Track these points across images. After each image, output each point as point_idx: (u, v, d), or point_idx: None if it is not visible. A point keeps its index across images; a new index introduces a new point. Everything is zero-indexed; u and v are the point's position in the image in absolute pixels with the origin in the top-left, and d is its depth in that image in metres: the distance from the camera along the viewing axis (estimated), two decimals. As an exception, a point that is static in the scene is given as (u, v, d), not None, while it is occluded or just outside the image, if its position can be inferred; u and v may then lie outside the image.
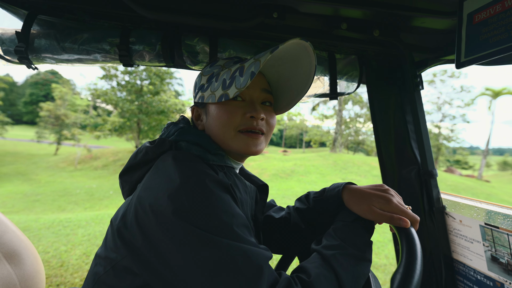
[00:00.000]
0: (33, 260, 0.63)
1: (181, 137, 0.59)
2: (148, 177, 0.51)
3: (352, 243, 0.50)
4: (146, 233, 0.44)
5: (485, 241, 0.77)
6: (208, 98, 0.61)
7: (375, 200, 0.54)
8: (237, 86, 0.54)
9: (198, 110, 0.66)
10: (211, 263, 0.40)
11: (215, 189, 0.46)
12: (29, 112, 42.47)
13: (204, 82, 0.64)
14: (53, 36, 0.72)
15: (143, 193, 0.48)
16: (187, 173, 0.47)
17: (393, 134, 0.94)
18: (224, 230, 0.42)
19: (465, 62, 0.60)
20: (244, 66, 0.56)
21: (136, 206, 0.47)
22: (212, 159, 0.57)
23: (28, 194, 7.74)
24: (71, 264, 2.53)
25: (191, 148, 0.57)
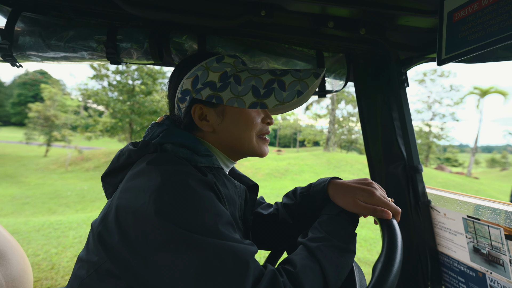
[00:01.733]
0: (20, 261, 0.63)
1: (167, 139, 0.57)
2: (128, 178, 0.50)
3: (336, 235, 0.52)
4: (127, 235, 0.43)
5: (468, 233, 0.80)
6: (231, 101, 0.58)
7: (359, 193, 0.56)
8: (279, 99, 0.56)
9: (204, 109, 0.61)
10: (197, 264, 0.39)
11: (197, 187, 0.46)
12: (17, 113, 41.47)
13: (216, 80, 0.60)
14: (38, 33, 0.71)
15: (123, 195, 0.47)
16: (168, 172, 0.46)
17: (380, 130, 0.96)
18: (208, 229, 0.42)
19: (446, 59, 0.62)
20: (283, 80, 0.58)
21: (116, 208, 0.46)
22: (200, 161, 0.56)
23: (17, 197, 7.57)
24: (62, 267, 2.49)
25: (178, 151, 0.55)
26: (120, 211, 0.45)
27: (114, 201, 0.48)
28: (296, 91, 0.57)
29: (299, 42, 0.90)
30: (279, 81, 0.58)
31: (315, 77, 0.58)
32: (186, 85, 0.61)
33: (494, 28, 0.51)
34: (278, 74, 0.60)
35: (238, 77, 0.60)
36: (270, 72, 0.61)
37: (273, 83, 0.58)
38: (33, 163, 14.12)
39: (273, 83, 0.58)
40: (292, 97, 0.56)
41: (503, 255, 0.71)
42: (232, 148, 0.63)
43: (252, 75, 0.60)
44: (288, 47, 0.91)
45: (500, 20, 0.50)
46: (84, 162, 13.64)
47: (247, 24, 0.80)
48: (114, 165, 0.56)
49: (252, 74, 0.60)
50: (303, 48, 0.92)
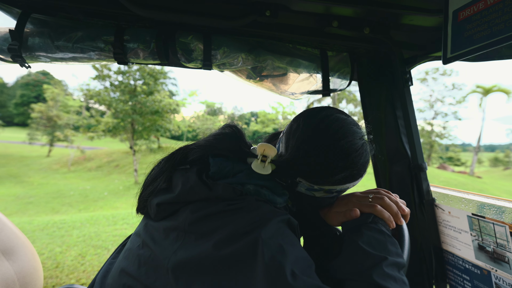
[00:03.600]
0: (30, 257, 0.64)
1: (249, 180, 0.54)
2: (219, 227, 0.46)
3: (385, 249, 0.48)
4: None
5: (472, 230, 0.80)
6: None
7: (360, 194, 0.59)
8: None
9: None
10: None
11: (285, 228, 0.46)
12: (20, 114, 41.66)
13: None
14: (47, 34, 0.72)
15: (220, 250, 0.43)
16: (268, 221, 0.45)
17: (384, 129, 0.96)
18: (308, 272, 0.41)
19: (451, 58, 0.62)
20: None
21: (211, 261, 0.42)
22: (279, 202, 0.55)
23: (20, 197, 7.63)
24: (66, 265, 2.51)
25: (260, 193, 0.53)
26: (223, 260, 0.42)
27: (205, 245, 0.44)
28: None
29: (303, 41, 0.91)
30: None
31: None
32: (303, 185, 0.57)
33: (500, 27, 0.51)
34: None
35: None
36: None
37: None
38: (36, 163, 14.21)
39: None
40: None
41: (508, 252, 0.72)
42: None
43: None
44: (292, 46, 0.91)
45: (506, 19, 0.50)
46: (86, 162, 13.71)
47: (252, 24, 0.81)
48: (179, 198, 0.52)
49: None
50: (307, 47, 0.93)
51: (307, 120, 0.55)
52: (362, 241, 0.48)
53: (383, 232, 0.49)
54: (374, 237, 0.48)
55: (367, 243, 0.47)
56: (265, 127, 24.62)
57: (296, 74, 0.93)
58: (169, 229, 0.49)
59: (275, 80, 0.95)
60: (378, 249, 0.46)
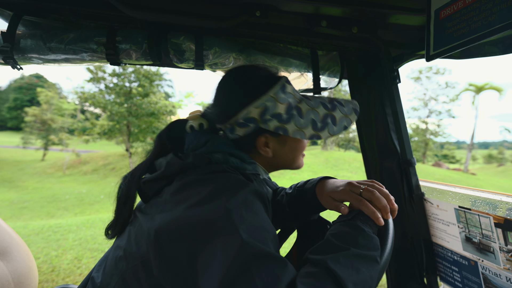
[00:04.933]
0: (25, 257, 0.65)
1: (215, 148, 0.59)
2: (189, 195, 0.50)
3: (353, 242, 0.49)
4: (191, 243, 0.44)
5: (460, 223, 0.83)
6: (295, 133, 0.60)
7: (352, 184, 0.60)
8: (330, 132, 0.62)
9: (269, 138, 0.61)
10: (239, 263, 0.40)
11: (256, 201, 0.49)
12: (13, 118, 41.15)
13: (282, 112, 0.59)
14: (39, 36, 0.73)
15: (190, 206, 0.47)
16: (231, 189, 0.48)
17: (374, 126, 0.99)
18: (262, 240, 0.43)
19: (434, 55, 0.64)
20: (334, 115, 0.63)
21: (182, 217, 0.46)
22: (248, 168, 0.60)
23: (15, 201, 7.53)
24: (62, 269, 2.49)
25: (228, 160, 0.58)
26: (183, 221, 0.46)
27: (179, 209, 0.48)
28: (343, 126, 0.64)
29: (293, 41, 0.93)
30: (332, 117, 0.63)
31: (355, 114, 0.66)
32: (252, 113, 0.58)
33: (478, 25, 0.54)
34: (330, 108, 0.63)
35: (300, 109, 0.61)
36: (323, 105, 0.63)
37: (327, 117, 0.62)
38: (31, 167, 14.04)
39: (327, 117, 0.62)
40: (340, 131, 0.63)
41: (493, 242, 0.74)
42: (280, 167, 0.68)
43: (310, 107, 0.62)
44: (283, 46, 0.93)
45: (482, 17, 0.53)
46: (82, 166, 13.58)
47: (243, 24, 0.82)
48: (161, 174, 0.56)
49: (310, 107, 0.62)
50: (298, 47, 0.95)
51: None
52: (333, 234, 0.50)
53: (357, 227, 0.51)
54: (346, 231, 0.50)
55: (336, 236, 0.50)
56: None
57: (287, 73, 0.95)
58: (154, 203, 0.54)
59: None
60: (344, 242, 0.48)
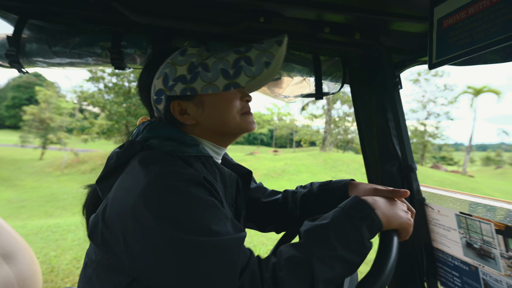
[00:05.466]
0: (29, 260, 0.65)
1: (151, 133, 0.58)
2: (120, 179, 0.51)
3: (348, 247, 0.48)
4: (117, 234, 0.45)
5: (461, 228, 0.84)
6: (204, 89, 0.58)
7: (378, 187, 0.63)
8: (249, 75, 0.58)
9: (182, 104, 0.60)
10: (188, 262, 0.41)
11: (186, 187, 0.46)
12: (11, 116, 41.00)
13: (185, 73, 0.59)
14: (44, 40, 0.73)
15: (115, 194, 0.48)
16: (155, 173, 0.47)
17: (375, 131, 0.99)
18: (196, 228, 0.43)
19: (436, 63, 0.65)
20: (248, 56, 0.59)
21: (109, 207, 0.48)
22: (187, 151, 0.57)
23: (13, 201, 7.50)
24: (61, 269, 2.49)
25: (163, 144, 0.56)
26: (112, 211, 0.47)
27: (108, 200, 0.49)
28: (264, 62, 0.58)
29: (296, 46, 0.93)
30: (245, 58, 0.59)
31: (278, 45, 0.59)
32: (157, 85, 0.61)
33: (480, 35, 0.54)
34: (243, 51, 0.60)
35: (205, 64, 0.60)
36: (234, 51, 0.61)
37: (239, 61, 0.59)
38: (29, 166, 13.98)
39: (239, 61, 0.59)
40: (261, 69, 0.58)
41: (494, 249, 0.75)
42: (219, 133, 0.64)
43: (218, 58, 0.60)
44: (286, 51, 0.93)
45: (485, 28, 0.53)
46: (80, 165, 13.54)
47: (247, 30, 0.83)
48: (105, 170, 0.56)
49: (218, 58, 0.60)
50: (300, 52, 0.95)
51: None
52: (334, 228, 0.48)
53: (360, 232, 0.49)
54: (346, 231, 0.48)
55: (335, 232, 0.48)
56: (260, 128, 24.63)
57: (289, 78, 0.95)
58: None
59: (269, 84, 0.97)
60: (338, 241, 0.47)
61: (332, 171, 10.44)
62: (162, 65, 0.61)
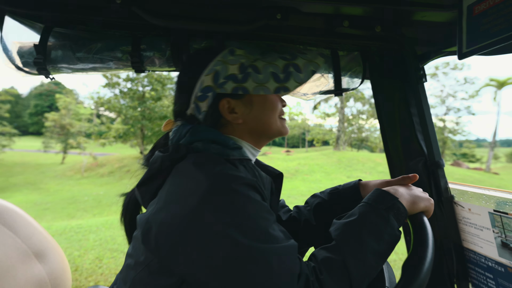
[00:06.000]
0: (60, 259, 0.67)
1: (195, 137, 0.57)
2: (171, 189, 0.49)
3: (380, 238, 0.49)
4: (177, 242, 0.43)
5: (495, 227, 0.79)
6: (256, 89, 0.59)
7: (387, 180, 0.65)
8: (297, 80, 0.61)
9: (231, 102, 0.61)
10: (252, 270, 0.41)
11: (246, 192, 0.46)
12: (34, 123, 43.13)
13: (236, 72, 0.60)
14: (68, 47, 0.76)
15: (171, 198, 0.47)
16: (217, 179, 0.46)
17: (398, 127, 0.96)
18: (259, 235, 0.43)
19: (467, 52, 0.62)
20: (296, 63, 0.62)
21: (165, 212, 0.46)
22: (232, 154, 0.56)
23: (38, 203, 7.86)
24: (85, 269, 2.58)
25: (209, 147, 0.55)
26: (168, 214, 0.45)
27: (160, 204, 0.48)
28: (311, 71, 0.63)
29: (314, 42, 0.91)
30: (294, 65, 0.62)
31: (321, 57, 0.65)
32: (206, 82, 0.60)
33: (518, 20, 0.51)
34: (289, 58, 0.63)
35: (255, 66, 0.61)
36: (281, 57, 0.64)
37: (288, 67, 0.62)
38: (51, 170, 14.62)
39: (288, 67, 0.62)
40: (309, 76, 0.62)
41: (533, 249, 0.70)
42: (260, 134, 0.65)
43: (267, 62, 0.62)
44: (303, 47, 0.92)
45: (523, 12, 0.50)
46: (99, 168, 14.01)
47: (264, 28, 0.82)
48: (147, 174, 0.55)
49: (267, 62, 0.62)
50: (318, 48, 0.93)
51: None
52: (361, 223, 0.50)
53: (389, 221, 0.50)
54: (376, 223, 0.49)
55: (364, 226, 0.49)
56: (273, 128, 24.56)
57: (307, 75, 0.94)
58: (150, 205, 0.52)
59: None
60: (369, 234, 0.48)
61: (346, 170, 10.24)
62: (212, 63, 0.61)
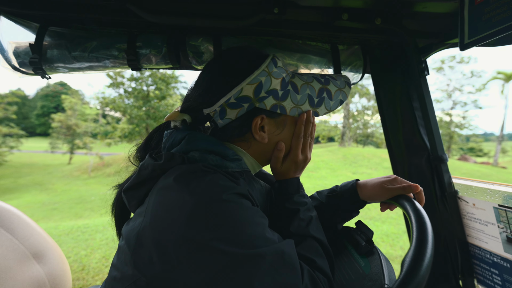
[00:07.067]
0: (59, 260, 0.67)
1: (192, 146, 0.52)
2: (158, 201, 0.46)
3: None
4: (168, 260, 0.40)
5: (500, 222, 0.77)
6: (293, 110, 0.57)
7: (384, 180, 0.62)
8: (327, 107, 0.63)
9: (265, 120, 0.56)
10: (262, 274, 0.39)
11: (234, 200, 0.44)
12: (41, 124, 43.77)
13: (278, 88, 0.55)
14: (64, 46, 0.75)
15: (157, 213, 0.44)
16: (201, 190, 0.43)
17: (400, 122, 0.94)
18: (258, 239, 0.42)
19: (469, 43, 0.60)
20: (329, 89, 0.63)
21: (152, 227, 0.43)
22: (231, 166, 0.53)
23: (46, 203, 7.98)
24: (91, 268, 2.61)
25: (207, 158, 0.51)
26: (156, 232, 0.42)
27: (148, 221, 0.44)
28: (339, 100, 0.64)
29: (313, 37, 0.90)
30: (327, 91, 0.62)
31: (348, 86, 0.66)
32: (246, 91, 0.53)
33: (521, 7, 0.49)
34: (323, 82, 0.63)
35: (295, 84, 0.58)
36: (316, 79, 0.63)
37: (323, 92, 0.62)
38: (59, 170, 14.83)
39: (323, 92, 0.62)
40: (337, 105, 0.63)
41: (540, 244, 0.68)
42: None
43: (305, 82, 0.61)
44: (302, 42, 0.90)
45: (527, -2, 0.48)
46: (105, 168, 14.17)
47: (261, 23, 0.80)
48: (136, 179, 0.52)
49: (304, 82, 0.61)
50: (317, 42, 0.92)
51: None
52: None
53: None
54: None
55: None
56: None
57: (307, 70, 0.92)
58: (137, 214, 0.49)
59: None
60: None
61: (352, 166, 10.17)
62: (258, 71, 0.54)
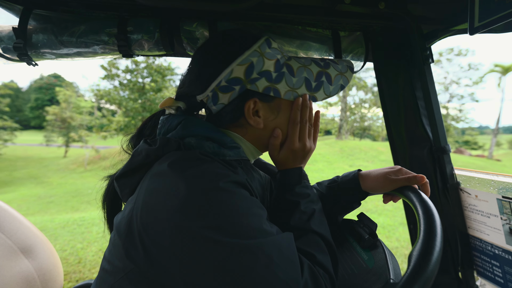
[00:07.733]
0: (49, 254, 0.64)
1: (188, 131, 0.50)
2: (149, 188, 0.43)
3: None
4: (161, 251, 0.38)
5: (503, 214, 0.75)
6: (288, 94, 0.54)
7: (388, 171, 0.58)
8: (326, 92, 0.59)
9: (259, 104, 0.53)
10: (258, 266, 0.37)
11: (231, 189, 0.42)
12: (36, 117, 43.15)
13: (271, 69, 0.52)
14: (50, 30, 0.71)
15: (149, 201, 0.42)
16: (196, 178, 0.41)
17: (402, 111, 0.91)
18: (253, 230, 0.40)
19: (480, 27, 0.57)
20: (329, 73, 0.59)
21: (143, 217, 0.41)
22: (228, 154, 0.50)
23: (41, 197, 7.93)
24: (88, 261, 2.60)
25: (203, 145, 0.49)
26: (149, 219, 0.40)
27: (139, 208, 0.42)
28: (340, 85, 0.60)
29: (313, 22, 0.86)
30: (326, 74, 0.58)
31: (351, 71, 0.62)
32: (236, 72, 0.51)
33: (539, -14, 0.46)
34: (323, 66, 0.59)
35: (290, 66, 0.55)
36: (314, 62, 0.59)
37: (321, 76, 0.58)
38: (54, 163, 14.71)
39: (321, 76, 0.58)
40: (337, 91, 0.59)
41: (544, 236, 0.67)
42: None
43: (302, 65, 0.56)
44: (302, 28, 0.87)
45: (546, -24, 0.45)
46: (101, 161, 14.07)
47: (258, 7, 0.76)
48: (129, 166, 0.49)
49: (302, 64, 0.56)
50: (318, 28, 0.88)
51: None
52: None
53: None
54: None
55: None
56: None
57: (306, 58, 0.89)
58: (129, 202, 0.46)
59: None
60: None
61: (349, 159, 10.21)
62: (249, 51, 0.51)
